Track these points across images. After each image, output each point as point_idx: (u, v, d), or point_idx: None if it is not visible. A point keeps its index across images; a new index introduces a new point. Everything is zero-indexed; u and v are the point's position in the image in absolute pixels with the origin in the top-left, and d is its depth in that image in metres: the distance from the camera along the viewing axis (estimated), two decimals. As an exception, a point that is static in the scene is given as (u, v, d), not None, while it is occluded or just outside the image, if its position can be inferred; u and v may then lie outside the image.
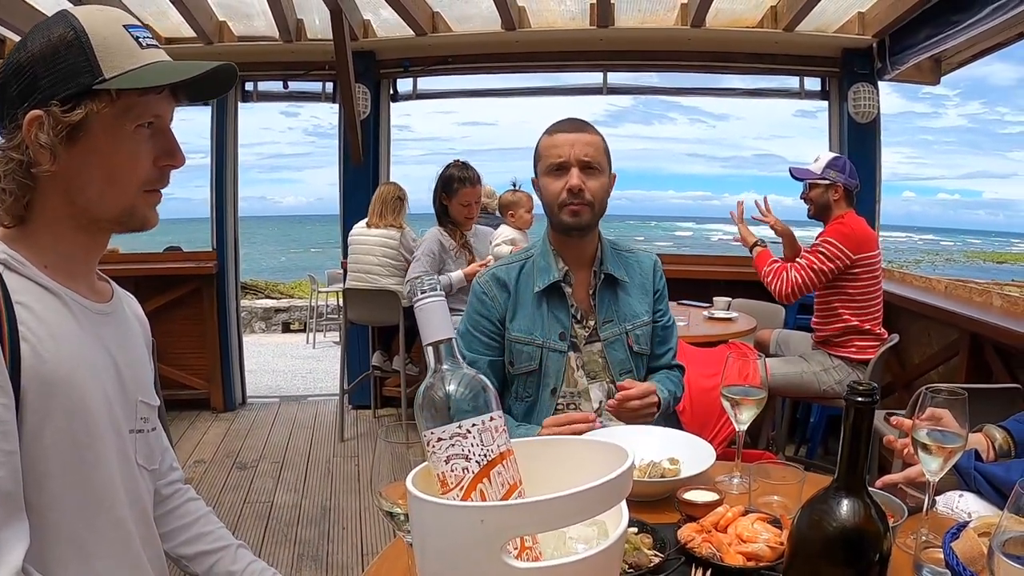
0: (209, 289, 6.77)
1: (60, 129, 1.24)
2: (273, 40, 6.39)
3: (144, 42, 1.31)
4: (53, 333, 1.25)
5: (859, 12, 5.79)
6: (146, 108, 1.30)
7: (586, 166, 2.30)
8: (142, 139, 1.31)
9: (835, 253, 4.18)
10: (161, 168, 1.35)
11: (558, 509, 0.96)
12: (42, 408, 1.21)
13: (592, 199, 2.30)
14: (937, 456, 1.42)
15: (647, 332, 2.45)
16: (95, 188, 1.30)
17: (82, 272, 1.39)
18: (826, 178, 4.39)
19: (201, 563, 1.62)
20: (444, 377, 1.11)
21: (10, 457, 1.15)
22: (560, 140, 2.32)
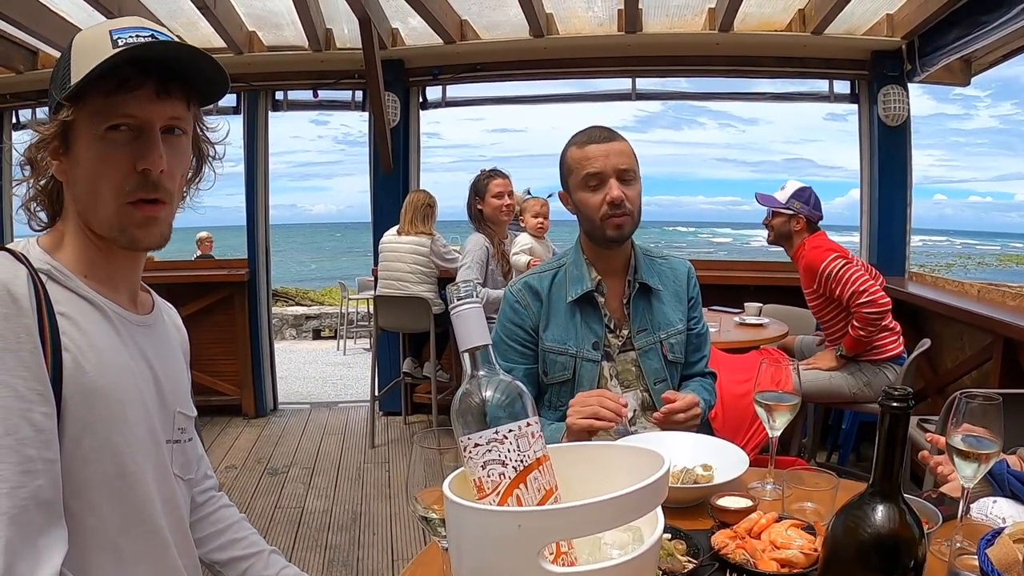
0: (241, 296, 6.84)
1: (43, 143, 1.28)
2: (303, 50, 6.46)
3: (122, 41, 1.27)
4: (94, 344, 1.27)
5: (888, 14, 5.75)
6: (113, 108, 1.27)
7: (623, 175, 2.27)
8: (116, 142, 1.28)
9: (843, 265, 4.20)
10: (140, 173, 1.30)
11: (594, 514, 0.96)
12: (82, 418, 1.22)
13: (632, 208, 2.28)
14: (972, 462, 1.41)
15: (681, 340, 2.43)
16: (84, 197, 1.31)
17: (123, 283, 1.40)
18: (789, 208, 4.42)
19: (234, 569, 1.64)
20: (480, 383, 1.12)
21: (50, 465, 1.17)
22: (593, 152, 2.28)
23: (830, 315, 4.41)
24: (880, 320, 4.13)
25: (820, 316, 4.52)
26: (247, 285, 6.84)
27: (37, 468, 1.14)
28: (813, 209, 4.42)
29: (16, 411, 1.13)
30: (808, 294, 4.49)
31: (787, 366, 1.84)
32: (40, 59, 6.62)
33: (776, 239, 4.55)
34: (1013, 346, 4.14)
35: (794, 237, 4.45)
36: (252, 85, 6.63)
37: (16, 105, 7.10)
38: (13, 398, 1.13)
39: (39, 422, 1.16)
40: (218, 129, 1.50)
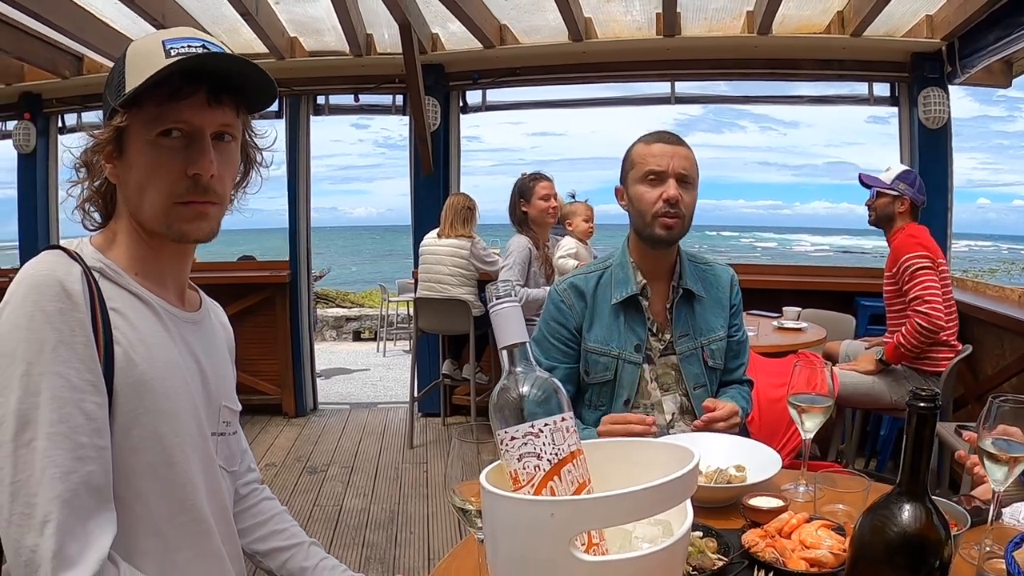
0: (282, 297, 6.94)
1: (98, 147, 1.34)
2: (344, 55, 6.54)
3: (174, 51, 1.31)
4: (144, 338, 1.33)
5: (927, 15, 5.71)
6: (166, 115, 1.31)
7: (683, 179, 2.30)
8: (168, 148, 1.33)
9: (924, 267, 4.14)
10: (192, 178, 1.35)
11: (625, 504, 1.00)
12: (132, 409, 1.28)
13: (685, 213, 2.31)
14: (1002, 465, 1.42)
15: (722, 347, 2.45)
16: (135, 198, 1.36)
17: (172, 281, 1.46)
18: (895, 189, 4.37)
19: (275, 559, 1.69)
20: (518, 379, 1.16)
21: (101, 452, 1.23)
22: (658, 150, 2.32)
23: (898, 306, 4.37)
24: (927, 335, 4.08)
25: (889, 303, 4.49)
26: (288, 287, 6.94)
27: (89, 455, 1.20)
28: (918, 192, 4.39)
29: (70, 400, 1.19)
30: (887, 278, 4.46)
31: (821, 368, 1.85)
32: (85, 64, 6.80)
33: (877, 220, 4.50)
34: (1055, 352, 4.10)
35: (896, 219, 4.41)
36: (294, 90, 6.72)
37: (62, 110, 7.31)
38: (67, 388, 1.19)
39: (91, 411, 1.21)
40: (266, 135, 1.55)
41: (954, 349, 4.27)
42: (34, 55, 6.35)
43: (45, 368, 1.18)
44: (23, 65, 6.82)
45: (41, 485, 1.15)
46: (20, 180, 7.34)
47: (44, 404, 1.18)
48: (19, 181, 7.35)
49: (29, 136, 7.15)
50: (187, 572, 1.38)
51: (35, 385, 1.18)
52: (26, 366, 1.18)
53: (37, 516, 1.14)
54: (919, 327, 4.03)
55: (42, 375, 1.18)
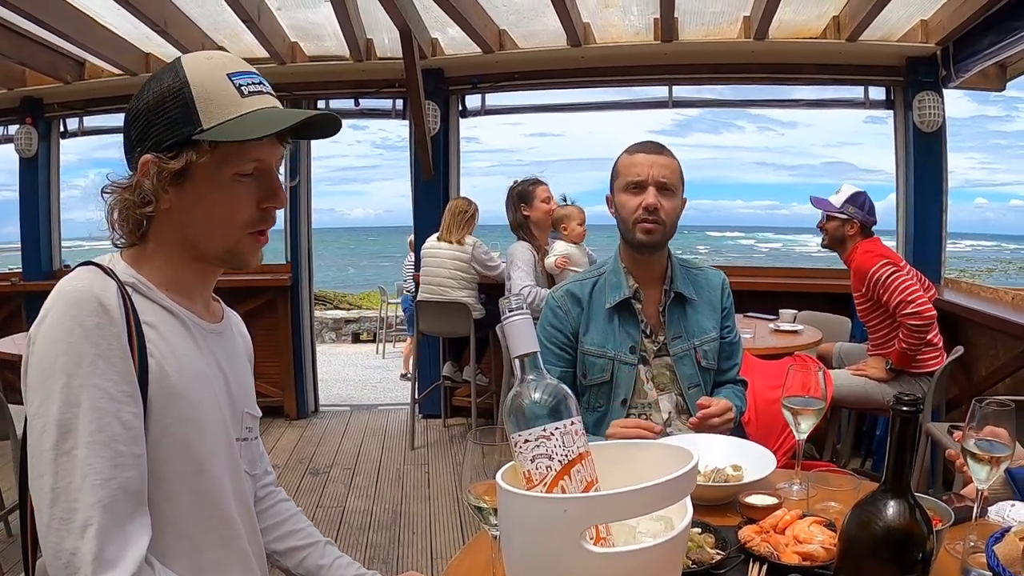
0: (283, 300, 7.01)
1: (164, 175, 1.37)
2: (344, 59, 6.60)
3: (247, 89, 1.39)
4: (175, 351, 1.39)
5: (922, 20, 5.77)
6: (245, 156, 1.39)
7: (662, 187, 2.40)
8: (243, 185, 1.41)
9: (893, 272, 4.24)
10: (264, 210, 1.45)
11: (631, 501, 1.09)
12: (165, 417, 1.34)
13: (665, 219, 2.41)
14: (984, 464, 1.50)
15: (715, 348, 2.53)
16: (200, 228, 1.42)
17: (199, 293, 1.52)
18: (844, 213, 4.46)
19: (292, 558, 1.76)
20: (530, 386, 1.24)
21: (138, 460, 1.29)
22: (640, 160, 2.44)
23: (875, 321, 4.44)
24: (925, 331, 4.15)
25: (866, 321, 4.55)
26: (289, 289, 7.00)
27: (127, 462, 1.26)
28: (867, 214, 4.46)
29: (108, 411, 1.26)
30: (857, 298, 4.53)
31: (815, 371, 1.92)
32: (87, 69, 6.86)
33: (830, 243, 4.59)
34: (1047, 353, 4.17)
35: (847, 241, 4.49)
36: (294, 94, 6.75)
37: (64, 114, 7.36)
38: (105, 399, 1.26)
39: (128, 420, 1.28)
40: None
41: (937, 348, 4.36)
42: (36, 60, 6.41)
43: (84, 380, 1.24)
44: (24, 70, 6.88)
45: (81, 491, 1.21)
46: (22, 184, 7.38)
47: (84, 414, 1.24)
48: (20, 185, 7.39)
49: (31, 140, 7.18)
50: (215, 572, 1.44)
51: (75, 396, 1.24)
52: (66, 378, 1.24)
53: (78, 520, 1.20)
54: (914, 327, 4.10)
55: (82, 387, 1.24)
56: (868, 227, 4.49)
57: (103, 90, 6.93)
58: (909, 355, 4.23)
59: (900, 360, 4.27)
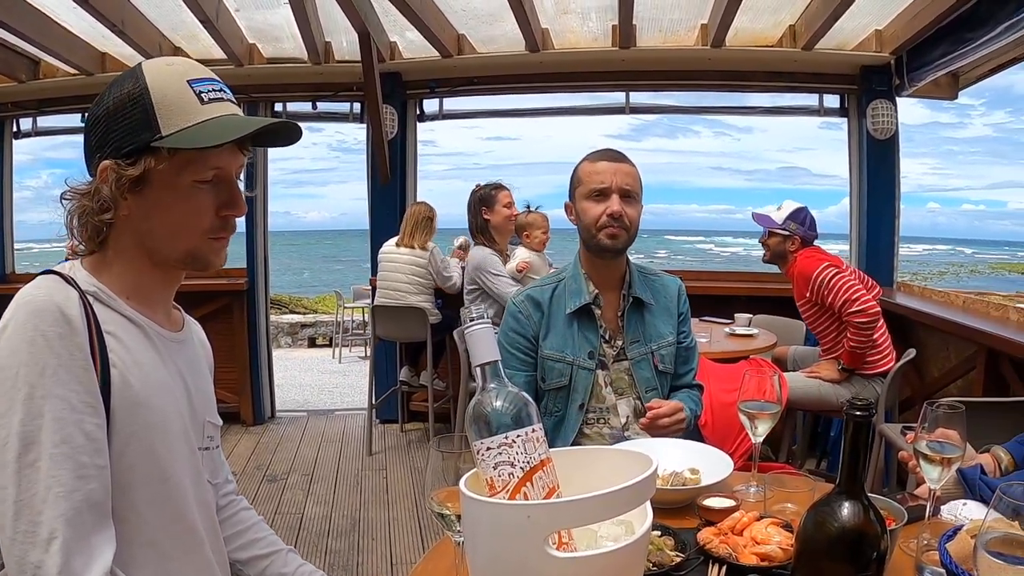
0: (239, 305, 6.93)
1: (123, 181, 1.35)
2: (302, 62, 6.54)
3: (206, 96, 1.39)
4: (138, 360, 1.38)
5: (876, 30, 5.88)
6: (204, 164, 1.39)
7: (625, 194, 2.46)
8: (202, 192, 1.41)
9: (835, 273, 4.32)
10: (223, 218, 1.44)
11: (593, 506, 1.10)
12: (128, 427, 1.33)
13: (629, 224, 2.47)
14: (936, 465, 1.54)
15: (671, 352, 2.57)
16: (159, 235, 1.41)
17: (160, 302, 1.51)
18: (786, 229, 4.54)
19: (255, 567, 1.74)
20: (491, 394, 1.25)
21: (101, 471, 1.27)
22: (603, 168, 2.48)
23: (823, 325, 4.51)
24: (871, 329, 4.23)
25: (814, 326, 4.62)
26: (245, 294, 6.93)
27: (90, 473, 1.25)
28: (808, 229, 4.54)
29: (71, 422, 1.24)
30: (801, 304, 4.60)
31: (770, 376, 1.95)
32: (42, 69, 6.71)
33: (771, 258, 4.67)
34: (995, 356, 4.25)
35: (788, 256, 4.58)
36: (252, 96, 6.70)
37: (17, 114, 7.19)
38: (68, 410, 1.24)
39: (91, 431, 1.26)
40: None
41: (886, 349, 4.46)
42: (-11, 58, 6.28)
43: (47, 391, 1.23)
44: (-23, 69, 6.74)
45: (46, 504, 1.20)
46: (-27, 185, 7.22)
47: (47, 426, 1.22)
48: (-28, 185, 7.22)
49: (-18, 141, 7.04)
50: None
51: (37, 408, 1.22)
52: (29, 389, 1.22)
53: (42, 534, 1.19)
54: (860, 325, 4.18)
55: (44, 398, 1.23)
56: (809, 242, 4.58)
57: (58, 90, 6.79)
58: (858, 354, 4.30)
59: (850, 360, 4.34)
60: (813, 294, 4.40)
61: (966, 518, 1.62)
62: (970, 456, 1.89)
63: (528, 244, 5.64)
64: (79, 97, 6.64)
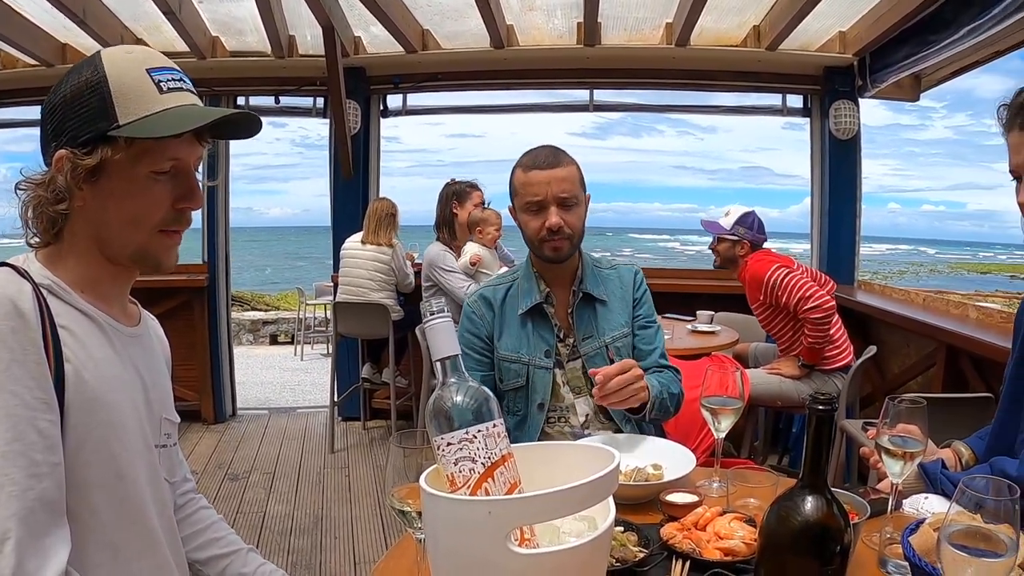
0: (200, 301, 6.83)
1: (79, 171, 1.32)
2: (265, 56, 6.48)
3: (165, 86, 1.36)
4: (92, 355, 1.34)
5: (840, 31, 5.93)
6: (161, 154, 1.36)
7: (563, 202, 2.35)
8: (158, 183, 1.37)
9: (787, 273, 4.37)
10: (179, 210, 1.41)
11: (554, 501, 1.08)
12: (83, 424, 1.29)
13: (571, 232, 2.37)
14: (898, 459, 1.54)
15: (628, 343, 2.50)
16: (113, 226, 1.37)
17: (115, 296, 1.47)
18: (734, 234, 4.59)
19: (214, 567, 1.71)
20: (452, 389, 1.23)
21: (55, 469, 1.23)
22: (536, 179, 2.35)
23: (779, 325, 4.55)
24: (828, 324, 4.27)
25: (769, 327, 4.66)
26: (206, 290, 6.85)
27: (43, 472, 1.21)
28: (757, 233, 4.59)
29: (24, 418, 1.20)
30: (756, 307, 4.64)
31: (732, 372, 1.95)
32: (1, 59, 6.57)
33: (722, 263, 4.72)
34: (955, 352, 4.31)
35: (738, 260, 4.63)
36: (214, 90, 6.60)
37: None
38: (21, 406, 1.20)
39: (44, 429, 1.22)
40: None
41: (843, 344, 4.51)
42: (-55, 48, 6.13)
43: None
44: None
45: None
46: (-73, 177, 7.05)
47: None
48: (-74, 178, 7.06)
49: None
50: None
51: None
52: None
53: None
54: (817, 321, 4.23)
55: None
56: (758, 245, 4.63)
57: (17, 81, 6.63)
58: (817, 349, 4.35)
59: (809, 356, 4.38)
60: (766, 296, 4.44)
61: (928, 512, 1.63)
62: (931, 451, 1.90)
63: (480, 240, 5.62)
64: (39, 89, 6.43)
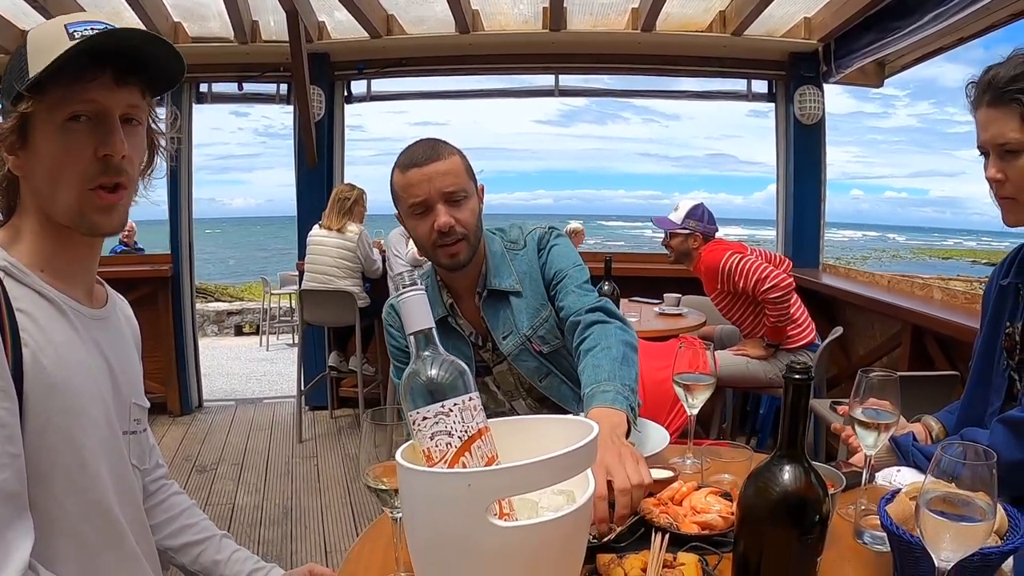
0: (164, 292, 6.76)
1: (5, 136, 1.29)
2: (228, 41, 6.39)
3: (79, 34, 1.27)
4: (52, 340, 1.28)
5: (805, 17, 5.97)
6: (74, 99, 1.28)
7: (450, 198, 2.08)
8: (77, 133, 1.29)
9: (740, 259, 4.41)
10: (102, 159, 1.31)
11: (535, 472, 1.06)
12: (43, 412, 1.24)
13: (465, 231, 2.10)
14: (872, 431, 1.55)
15: (552, 325, 2.26)
16: (44, 188, 1.32)
17: (79, 277, 1.42)
18: (686, 228, 4.61)
19: (187, 554, 1.68)
20: (426, 362, 1.20)
21: (14, 459, 1.19)
22: (414, 178, 2.08)
23: (739, 311, 4.59)
24: (787, 302, 4.30)
25: (730, 315, 4.69)
26: (170, 281, 6.76)
27: (3, 462, 1.16)
28: (708, 224, 4.63)
29: None
30: (714, 297, 4.68)
31: (703, 349, 1.96)
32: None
33: (677, 258, 4.74)
34: (920, 332, 4.36)
35: (692, 253, 4.66)
36: (176, 77, 6.51)
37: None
38: None
39: (2, 417, 1.17)
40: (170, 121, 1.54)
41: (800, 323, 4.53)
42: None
43: None
44: None
45: None
46: None
47: None
48: None
49: None
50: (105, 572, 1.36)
51: None
52: None
53: None
54: (776, 300, 4.26)
55: None
56: (710, 236, 4.66)
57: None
58: (780, 328, 4.39)
59: (773, 335, 4.42)
60: (723, 284, 4.47)
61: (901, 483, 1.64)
62: (902, 426, 1.92)
63: None
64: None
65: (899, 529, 1.27)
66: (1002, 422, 1.69)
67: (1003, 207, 1.71)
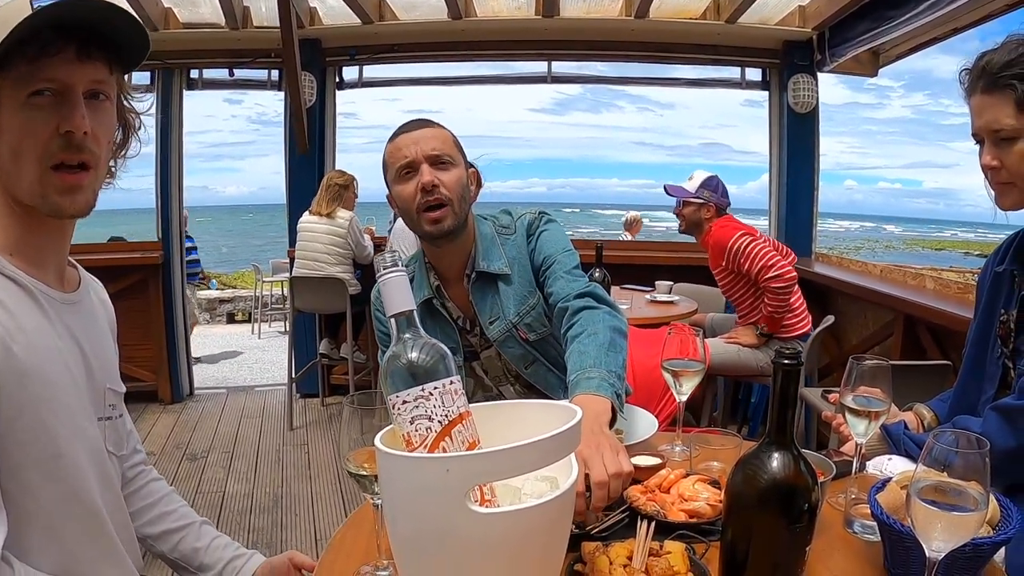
0: (155, 280, 6.72)
1: None
2: (219, 27, 6.34)
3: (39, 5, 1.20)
4: (22, 326, 1.24)
5: (799, 5, 5.96)
6: (35, 73, 1.23)
7: (436, 160, 2.08)
8: (39, 109, 1.24)
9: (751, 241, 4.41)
10: (63, 136, 1.26)
11: (517, 457, 1.03)
12: (14, 400, 1.20)
13: (449, 194, 2.08)
14: (862, 419, 1.53)
15: (539, 313, 2.24)
16: (8, 167, 1.27)
17: (51, 259, 1.38)
18: (699, 197, 4.60)
19: (166, 541, 1.65)
20: (407, 345, 1.17)
21: None
22: (403, 141, 2.11)
23: (739, 292, 4.58)
24: (788, 293, 4.30)
25: (730, 294, 4.69)
26: (161, 268, 6.73)
27: None
28: (721, 196, 4.61)
29: None
30: (717, 273, 4.66)
31: (692, 336, 1.93)
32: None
33: (688, 228, 4.72)
34: (912, 322, 4.35)
35: (704, 224, 4.64)
36: (167, 63, 6.47)
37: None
38: None
39: None
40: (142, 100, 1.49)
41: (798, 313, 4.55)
42: None
43: None
44: None
45: None
46: None
47: None
48: None
49: None
50: (83, 564, 1.33)
51: None
52: None
53: None
54: (777, 290, 4.26)
55: None
56: (723, 209, 4.65)
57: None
58: (776, 318, 4.39)
59: (769, 324, 4.42)
60: (729, 263, 4.46)
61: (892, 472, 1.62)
62: (893, 414, 1.90)
63: None
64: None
65: (890, 518, 1.25)
66: (995, 409, 1.67)
67: (998, 191, 1.69)
